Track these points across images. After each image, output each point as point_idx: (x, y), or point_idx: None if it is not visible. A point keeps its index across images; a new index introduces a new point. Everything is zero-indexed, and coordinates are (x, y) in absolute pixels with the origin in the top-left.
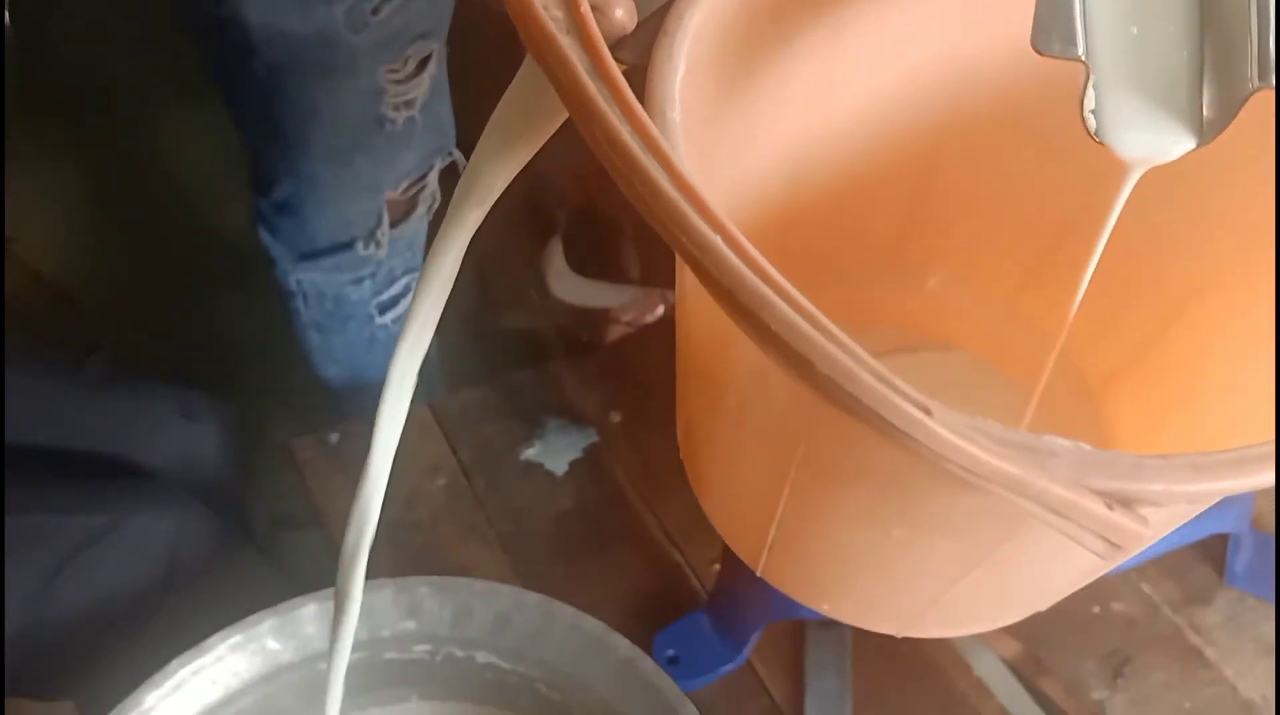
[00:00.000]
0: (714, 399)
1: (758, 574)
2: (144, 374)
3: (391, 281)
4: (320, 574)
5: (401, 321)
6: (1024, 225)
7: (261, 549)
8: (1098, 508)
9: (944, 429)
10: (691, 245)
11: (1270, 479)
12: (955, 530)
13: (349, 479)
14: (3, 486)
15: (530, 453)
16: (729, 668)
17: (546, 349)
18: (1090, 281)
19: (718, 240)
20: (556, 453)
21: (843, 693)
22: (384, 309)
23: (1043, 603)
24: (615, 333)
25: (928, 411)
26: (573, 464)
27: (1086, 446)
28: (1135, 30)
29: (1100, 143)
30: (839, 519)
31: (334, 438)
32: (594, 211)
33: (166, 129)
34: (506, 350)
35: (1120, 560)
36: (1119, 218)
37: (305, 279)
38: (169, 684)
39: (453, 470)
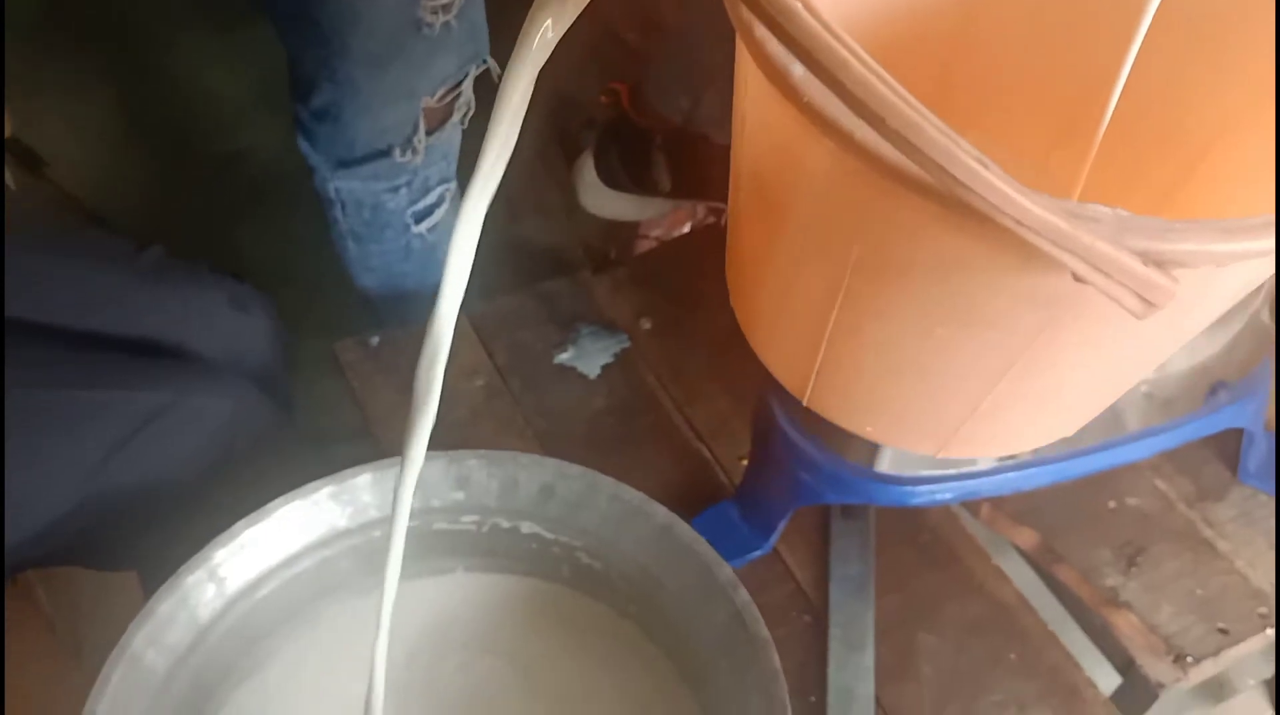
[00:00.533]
0: (771, 220)
1: (804, 403)
2: (196, 267)
3: (426, 191)
4: None
5: (436, 232)
6: (1053, 84)
7: (305, 432)
8: (1135, 264)
9: (1000, 181)
10: (773, 9)
11: None
12: (996, 321)
13: (391, 379)
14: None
15: (564, 357)
16: (757, 554)
17: (576, 265)
18: (1114, 134)
19: (797, 5)
20: (589, 357)
21: (865, 578)
22: (419, 218)
23: (1070, 421)
24: (643, 247)
25: (985, 165)
26: (605, 368)
27: (1125, 212)
28: None
29: None
30: (886, 324)
31: (375, 341)
32: (625, 125)
33: (195, 54)
34: (537, 266)
35: (1151, 316)
36: (1138, 71)
37: (344, 187)
38: (234, 544)
39: (490, 372)
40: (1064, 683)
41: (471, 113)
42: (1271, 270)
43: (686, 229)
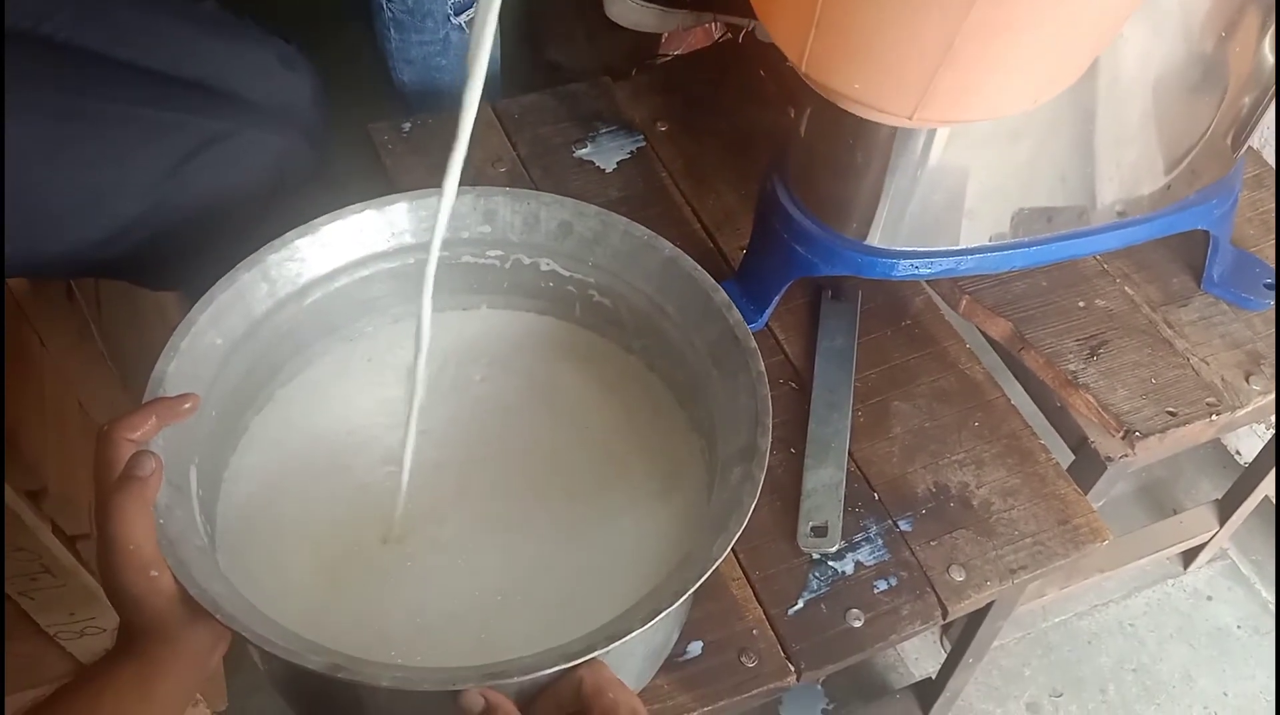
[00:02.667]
0: None
1: (802, 70)
2: (247, 24)
3: None
4: None
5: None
6: None
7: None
8: None
9: None
10: None
11: None
12: None
13: (422, 159)
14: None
15: (583, 152)
16: (751, 328)
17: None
18: None
19: None
20: (607, 153)
21: (849, 351)
22: (459, 10)
23: (1035, 88)
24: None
25: None
26: (620, 163)
27: None
28: None
29: None
30: None
31: (407, 126)
32: None
33: None
34: (557, 80)
35: None
36: None
37: None
38: (286, 250)
39: (512, 160)
40: (1020, 447)
41: None
42: None
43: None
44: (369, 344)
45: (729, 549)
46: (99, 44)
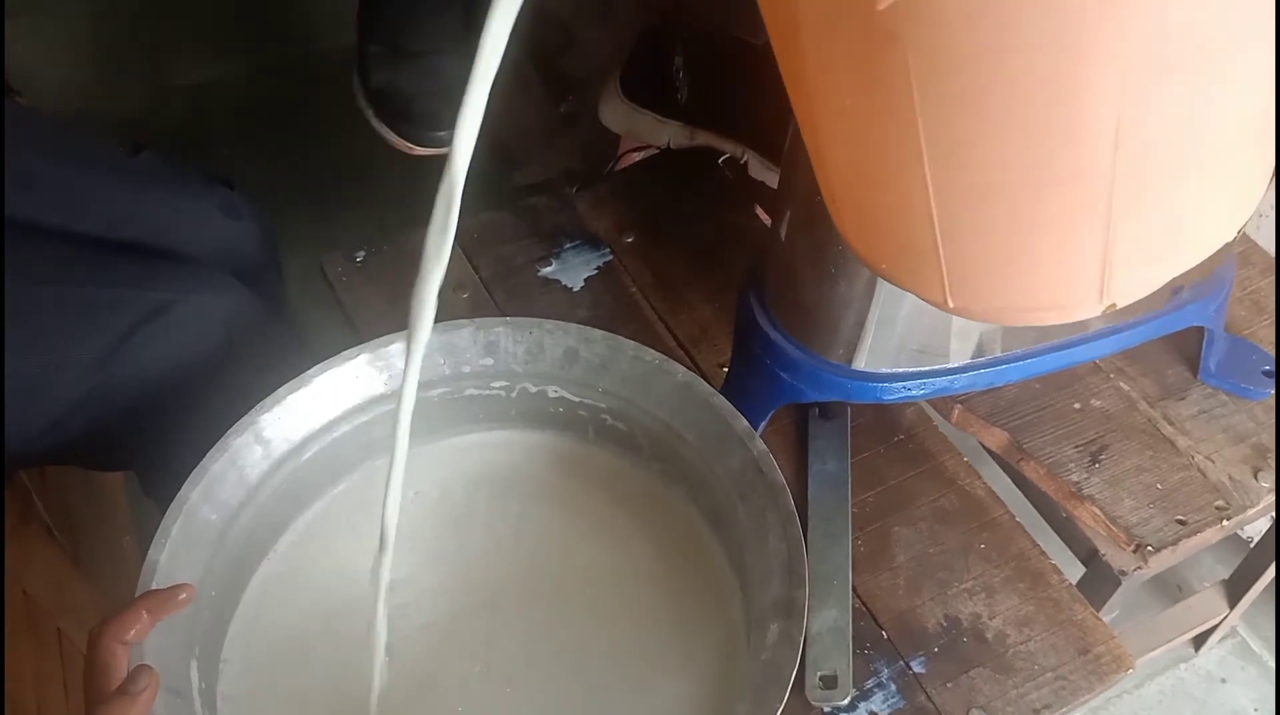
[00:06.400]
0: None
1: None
2: (187, 173)
3: None
4: None
5: None
6: None
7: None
8: None
9: None
10: None
11: None
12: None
13: (379, 289)
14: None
15: (548, 270)
16: None
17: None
18: None
19: None
20: (573, 270)
21: (842, 474)
22: None
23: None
24: (625, 163)
25: None
26: (588, 280)
27: None
28: None
29: None
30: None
31: (361, 255)
32: (656, 38)
33: None
34: (519, 193)
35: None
36: None
37: None
38: (278, 408)
39: (475, 284)
40: (1030, 569)
41: None
42: None
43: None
44: (374, 487)
45: None
46: (25, 212)
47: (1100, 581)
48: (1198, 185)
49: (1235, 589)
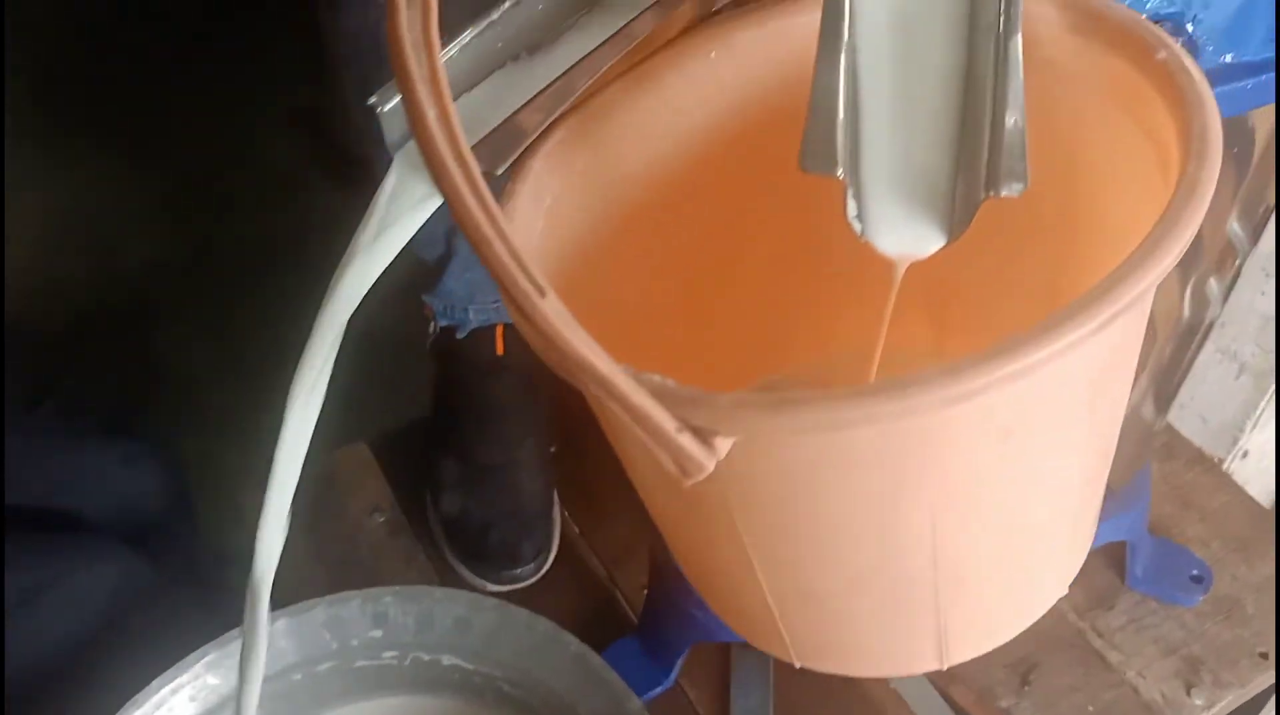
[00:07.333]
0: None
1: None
2: (88, 424)
3: None
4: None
5: None
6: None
7: (205, 583)
8: (669, 426)
9: (553, 312)
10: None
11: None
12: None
13: (295, 521)
14: None
15: None
16: (660, 689)
17: None
18: None
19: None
20: None
21: (765, 709)
22: None
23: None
24: None
25: (542, 293)
26: None
27: (671, 382)
28: (901, 142)
29: (866, 242)
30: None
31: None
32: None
33: (109, 167)
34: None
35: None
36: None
37: None
38: (150, 703)
39: (392, 506)
40: None
41: None
42: None
43: None
44: None
45: None
46: None
47: None
48: (1022, 572)
49: None
